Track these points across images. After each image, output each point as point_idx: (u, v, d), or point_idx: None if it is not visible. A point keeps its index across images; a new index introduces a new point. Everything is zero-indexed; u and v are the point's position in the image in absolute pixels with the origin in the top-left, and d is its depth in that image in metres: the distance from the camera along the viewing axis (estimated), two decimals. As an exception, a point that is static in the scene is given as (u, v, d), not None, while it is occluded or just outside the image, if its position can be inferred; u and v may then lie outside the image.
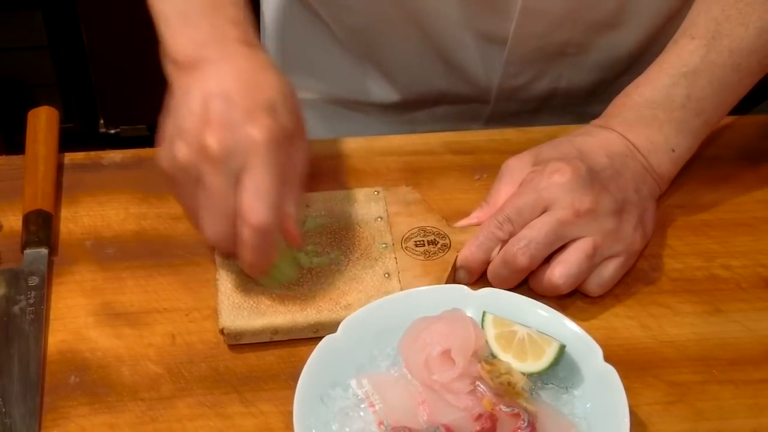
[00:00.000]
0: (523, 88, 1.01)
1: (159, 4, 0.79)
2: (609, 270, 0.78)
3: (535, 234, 0.76)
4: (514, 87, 1.01)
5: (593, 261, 0.77)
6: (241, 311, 0.76)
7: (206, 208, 0.73)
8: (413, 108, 1.06)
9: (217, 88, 0.73)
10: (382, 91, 1.05)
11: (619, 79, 1.00)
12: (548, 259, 0.77)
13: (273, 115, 0.72)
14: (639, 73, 0.86)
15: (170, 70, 0.77)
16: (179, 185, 0.74)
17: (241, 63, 0.75)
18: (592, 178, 0.78)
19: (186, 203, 0.75)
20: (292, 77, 0.79)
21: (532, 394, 0.69)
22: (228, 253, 0.77)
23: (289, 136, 0.73)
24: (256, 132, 0.71)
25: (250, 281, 0.78)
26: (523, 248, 0.76)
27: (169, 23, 0.78)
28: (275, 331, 0.75)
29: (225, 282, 0.78)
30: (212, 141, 0.71)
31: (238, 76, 0.74)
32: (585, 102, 1.04)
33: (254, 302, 0.76)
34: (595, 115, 0.86)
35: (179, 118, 0.73)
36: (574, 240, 0.77)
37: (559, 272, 0.76)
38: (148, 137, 2.21)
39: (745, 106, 0.87)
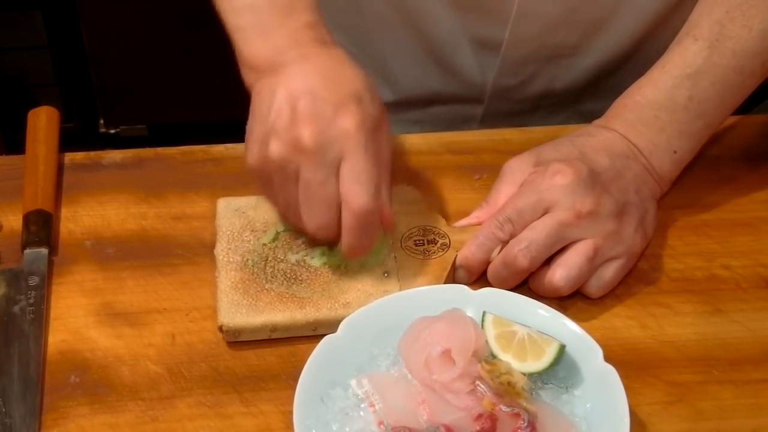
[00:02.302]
0: (517, 89, 1.02)
1: (234, 18, 0.79)
2: (609, 272, 0.78)
3: (535, 235, 0.76)
4: (508, 88, 1.01)
5: (594, 263, 0.77)
6: (239, 308, 0.76)
7: (306, 200, 0.74)
8: (407, 108, 1.07)
9: (302, 86, 0.74)
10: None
11: (613, 76, 1.00)
12: (549, 261, 0.77)
13: (360, 105, 0.74)
14: (633, 71, 0.86)
15: (249, 76, 0.78)
16: (273, 183, 0.75)
17: (321, 61, 0.76)
18: (594, 179, 0.78)
19: (281, 200, 0.77)
20: None
21: (532, 394, 0.69)
22: (330, 241, 0.78)
23: (377, 124, 0.75)
24: (348, 121, 0.72)
25: (250, 279, 0.78)
26: (523, 249, 0.76)
27: (245, 34, 0.78)
28: (274, 328, 0.76)
29: (224, 279, 0.78)
30: (306, 135, 0.72)
31: (319, 72, 0.75)
32: (578, 100, 1.04)
33: (253, 300, 0.77)
34: (588, 112, 0.87)
35: (267, 118, 0.74)
36: (574, 242, 0.77)
37: (560, 274, 0.76)
38: (148, 137, 2.22)
39: (746, 105, 0.87)
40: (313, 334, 0.76)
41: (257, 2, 0.78)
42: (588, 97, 1.04)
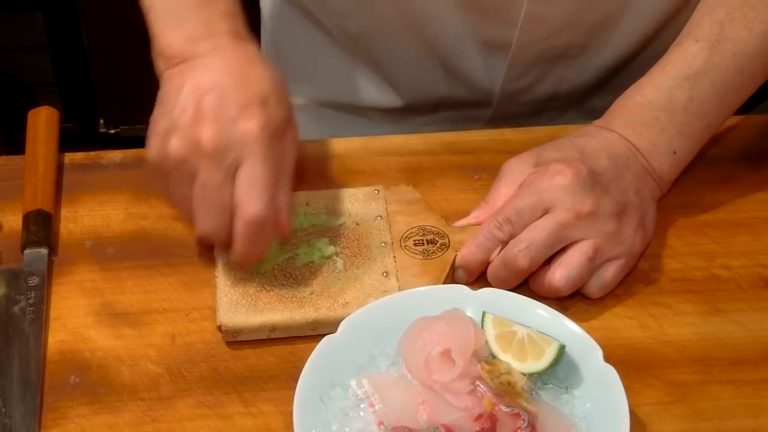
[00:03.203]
0: (526, 91, 1.01)
1: None
2: (609, 272, 0.78)
3: (535, 236, 0.76)
4: (517, 90, 1.01)
5: (594, 264, 0.77)
6: (239, 308, 0.76)
7: (200, 201, 0.73)
8: (415, 113, 1.06)
9: (209, 83, 0.73)
10: (384, 97, 1.05)
11: (620, 74, 1.00)
12: (549, 261, 0.77)
13: (265, 109, 0.73)
14: (640, 68, 0.86)
15: (161, 65, 0.78)
16: (170, 180, 0.75)
17: (231, 56, 0.75)
18: (594, 180, 0.78)
19: (177, 198, 0.76)
20: (293, 83, 0.79)
21: (532, 394, 0.69)
22: (220, 246, 0.77)
23: (281, 129, 0.74)
24: (250, 126, 0.72)
25: (249, 278, 0.78)
26: (523, 250, 0.76)
27: (159, 18, 0.78)
28: (273, 328, 0.76)
29: (223, 279, 0.78)
30: (206, 136, 0.71)
31: (228, 69, 0.74)
32: (586, 98, 1.04)
33: (252, 299, 0.77)
34: (594, 109, 0.86)
35: (171, 113, 0.73)
36: (574, 242, 0.77)
37: (560, 275, 0.76)
38: (147, 133, 2.21)
39: (746, 105, 0.87)
40: (312, 333, 0.76)
41: None
42: (595, 95, 1.04)
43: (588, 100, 1.04)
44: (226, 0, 0.78)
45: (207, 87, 0.73)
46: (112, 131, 2.24)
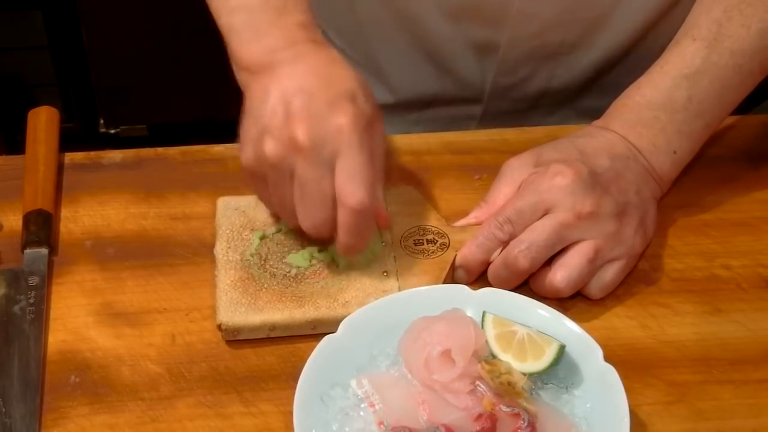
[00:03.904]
0: (516, 88, 1.02)
1: (227, 18, 0.80)
2: (610, 273, 0.78)
3: (536, 237, 0.76)
4: (507, 87, 1.01)
5: (595, 264, 0.77)
6: (239, 307, 0.76)
7: (302, 198, 0.74)
8: (406, 109, 1.07)
9: (296, 85, 0.74)
10: (375, 93, 1.05)
11: (611, 73, 1.00)
12: (549, 261, 0.77)
13: (354, 103, 0.74)
14: (631, 67, 0.86)
15: (243, 77, 0.78)
16: (266, 182, 0.75)
17: (314, 60, 0.76)
18: (594, 180, 0.78)
19: (275, 199, 0.76)
20: None
21: (532, 394, 0.69)
22: (324, 239, 0.78)
23: (371, 122, 0.75)
24: (342, 119, 0.72)
25: (249, 278, 0.78)
26: (524, 251, 0.76)
27: (239, 35, 0.79)
28: (273, 327, 0.76)
29: (223, 278, 0.78)
30: (301, 133, 0.72)
31: (313, 71, 0.75)
32: (577, 97, 1.04)
33: (252, 298, 0.77)
34: (587, 109, 0.87)
35: (261, 117, 0.74)
36: (575, 243, 0.77)
37: (561, 276, 0.76)
38: (148, 137, 2.22)
39: (745, 105, 0.87)
40: (312, 333, 0.76)
41: (250, 2, 0.78)
42: (587, 94, 1.04)
43: (579, 98, 1.04)
44: (301, 12, 0.79)
45: (293, 90, 0.73)
46: (112, 131, 2.24)
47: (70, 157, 0.91)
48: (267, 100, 0.74)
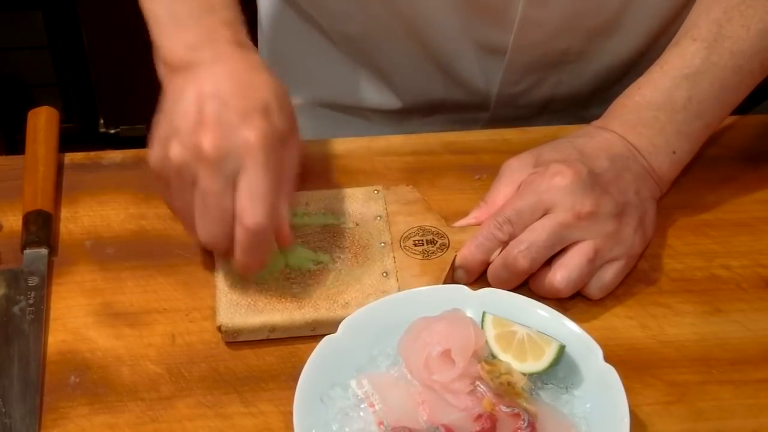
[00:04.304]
0: (522, 95, 1.01)
1: (150, 5, 0.79)
2: (610, 273, 0.78)
3: (535, 237, 0.76)
4: (513, 94, 1.01)
5: (594, 265, 0.77)
6: (238, 308, 0.76)
7: (201, 209, 0.73)
8: (413, 114, 1.06)
9: (211, 89, 0.73)
10: (383, 98, 1.05)
11: (618, 82, 1.00)
12: (549, 262, 0.77)
13: (267, 117, 0.72)
14: (638, 76, 0.86)
15: (162, 71, 0.78)
16: (170, 186, 0.74)
17: (233, 64, 0.75)
18: (593, 180, 0.78)
19: (176, 204, 0.75)
20: (291, 84, 0.78)
21: (532, 394, 0.69)
22: (221, 253, 0.77)
23: (282, 138, 0.73)
24: (251, 134, 0.71)
25: (248, 279, 0.78)
26: (523, 251, 0.76)
27: (160, 25, 0.78)
28: (272, 328, 0.76)
29: (223, 279, 0.78)
30: (207, 142, 0.71)
31: (231, 77, 0.74)
32: (583, 106, 1.04)
33: (252, 300, 0.77)
34: (594, 118, 0.86)
35: (173, 118, 0.73)
36: (574, 243, 0.77)
37: (561, 276, 0.76)
38: (148, 137, 2.21)
39: (745, 105, 0.87)
40: (312, 334, 0.76)
41: None
42: (593, 103, 1.03)
43: (585, 107, 1.04)
44: (227, 8, 0.78)
45: (209, 94, 0.72)
46: (112, 131, 2.24)
47: (70, 157, 0.91)
48: (181, 100, 0.73)
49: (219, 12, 0.77)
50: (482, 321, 0.71)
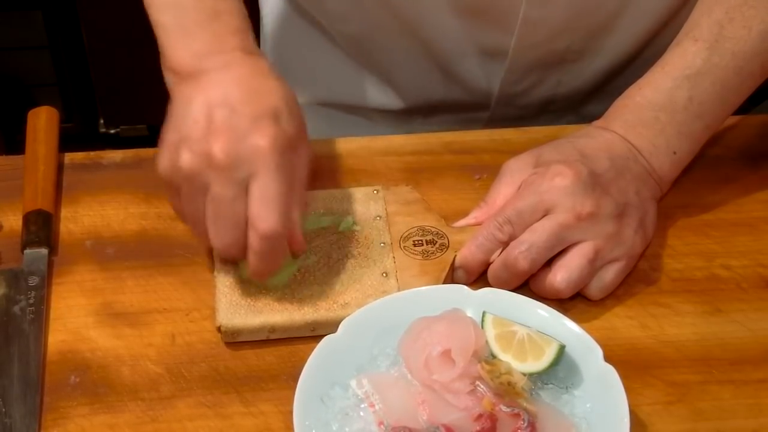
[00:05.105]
0: (523, 95, 1.01)
1: (157, 14, 0.79)
2: (610, 274, 0.78)
3: (536, 238, 0.76)
4: (514, 94, 1.01)
5: (595, 265, 0.77)
6: (238, 309, 0.76)
7: (214, 216, 0.72)
8: (413, 114, 1.06)
9: (220, 97, 0.72)
10: (384, 98, 1.05)
11: (618, 78, 1.00)
12: (549, 262, 0.77)
13: (277, 123, 0.72)
14: (637, 73, 0.86)
15: (171, 80, 0.77)
16: (180, 193, 0.74)
17: (242, 70, 0.75)
18: (594, 181, 0.78)
19: (187, 211, 0.75)
20: (293, 83, 0.78)
21: (532, 394, 0.69)
22: (233, 259, 0.77)
23: (293, 143, 0.73)
24: (262, 140, 0.71)
25: (248, 280, 0.78)
26: (524, 252, 0.76)
27: (168, 34, 0.78)
28: (272, 329, 0.76)
29: (223, 280, 0.78)
30: (218, 149, 0.71)
31: (240, 83, 0.74)
32: (584, 103, 1.04)
33: (252, 300, 0.77)
34: (594, 115, 0.86)
35: (182, 126, 0.73)
36: (575, 244, 0.77)
37: (561, 277, 0.76)
38: (148, 137, 2.21)
39: (745, 105, 0.87)
40: (312, 334, 0.76)
41: (183, 1, 0.77)
42: (594, 100, 1.04)
43: (586, 104, 1.04)
44: (234, 16, 0.78)
45: (218, 101, 0.72)
46: (112, 131, 2.24)
47: (70, 157, 0.91)
48: (190, 107, 0.73)
49: (226, 20, 0.77)
50: (482, 321, 0.71)
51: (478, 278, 0.80)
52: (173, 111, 0.75)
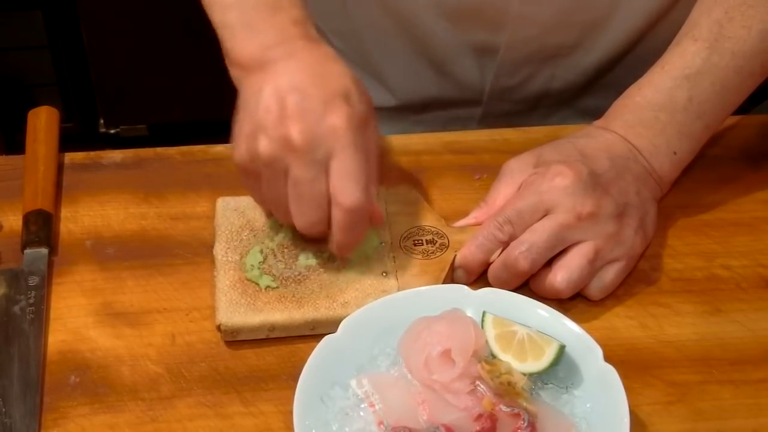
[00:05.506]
0: (516, 90, 1.02)
1: (219, 14, 0.80)
2: (610, 274, 0.78)
3: (536, 238, 0.76)
4: (507, 89, 1.01)
5: (595, 265, 0.77)
6: (238, 308, 0.76)
7: (296, 197, 0.74)
8: (406, 111, 1.07)
9: (290, 83, 0.74)
10: (377, 95, 1.05)
11: (611, 73, 1.00)
12: (549, 262, 0.77)
13: (348, 102, 0.74)
14: (631, 67, 0.86)
15: (237, 74, 0.78)
16: (259, 180, 0.75)
17: (308, 57, 0.76)
18: (594, 181, 0.78)
19: (269, 196, 0.76)
20: None
21: (532, 394, 0.69)
22: (317, 237, 0.78)
23: (365, 120, 0.75)
24: (336, 118, 0.72)
25: (248, 278, 0.78)
26: (524, 252, 0.76)
27: (232, 32, 0.79)
28: (272, 327, 0.76)
29: (223, 279, 0.78)
30: (295, 132, 0.72)
31: (307, 69, 0.75)
32: (576, 97, 1.04)
33: (251, 299, 0.77)
34: (586, 109, 0.87)
35: (255, 115, 0.74)
36: (575, 244, 0.77)
37: (561, 277, 0.76)
38: (148, 137, 2.22)
39: (745, 105, 0.87)
40: (311, 333, 0.76)
41: None
42: (587, 94, 1.04)
43: (579, 98, 1.04)
44: (295, 6, 0.79)
45: (287, 87, 0.73)
46: (112, 131, 2.24)
47: (70, 157, 0.91)
48: (261, 97, 0.74)
49: (288, 11, 0.78)
50: (482, 321, 0.71)
51: (478, 278, 0.80)
52: (242, 103, 0.76)
